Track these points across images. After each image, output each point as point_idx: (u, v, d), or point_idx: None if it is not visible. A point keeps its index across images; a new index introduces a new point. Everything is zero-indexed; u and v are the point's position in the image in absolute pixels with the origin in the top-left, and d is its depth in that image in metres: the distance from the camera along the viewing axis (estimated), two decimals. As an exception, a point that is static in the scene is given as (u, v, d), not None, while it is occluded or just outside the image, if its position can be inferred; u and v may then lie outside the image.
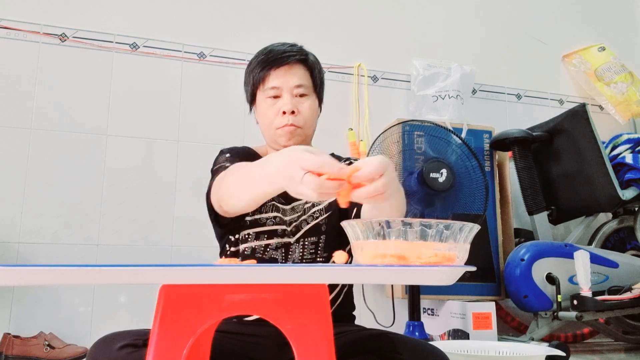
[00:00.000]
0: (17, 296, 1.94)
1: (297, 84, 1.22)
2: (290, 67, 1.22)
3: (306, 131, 1.24)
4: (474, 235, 0.70)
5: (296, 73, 1.23)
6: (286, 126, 1.21)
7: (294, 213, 1.22)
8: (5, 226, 1.98)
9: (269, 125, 1.24)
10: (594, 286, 2.04)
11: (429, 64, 2.55)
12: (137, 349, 0.91)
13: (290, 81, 1.22)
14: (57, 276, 0.59)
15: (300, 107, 1.22)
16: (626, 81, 2.76)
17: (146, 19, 2.28)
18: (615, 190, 2.24)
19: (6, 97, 2.07)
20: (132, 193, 2.14)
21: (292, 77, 1.22)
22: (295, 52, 1.24)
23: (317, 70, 1.27)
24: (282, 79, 1.22)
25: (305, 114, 1.22)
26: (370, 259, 0.69)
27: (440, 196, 1.99)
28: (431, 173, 2.01)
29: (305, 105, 1.23)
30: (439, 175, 1.99)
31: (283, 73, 1.22)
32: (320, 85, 1.28)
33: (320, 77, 1.28)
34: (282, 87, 1.22)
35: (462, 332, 2.02)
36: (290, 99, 1.21)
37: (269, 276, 0.64)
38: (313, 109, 1.25)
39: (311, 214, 1.21)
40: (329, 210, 1.22)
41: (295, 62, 1.23)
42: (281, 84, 1.22)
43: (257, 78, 1.24)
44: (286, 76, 1.22)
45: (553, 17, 3.00)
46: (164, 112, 2.24)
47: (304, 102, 1.23)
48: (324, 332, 0.66)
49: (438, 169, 1.99)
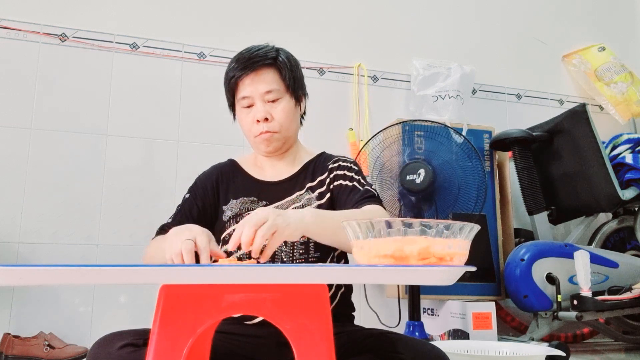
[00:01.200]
0: (17, 296, 1.94)
1: (267, 89, 1.21)
2: (257, 74, 1.21)
3: (284, 134, 1.24)
4: (474, 235, 0.70)
5: (264, 79, 1.22)
6: (262, 134, 1.22)
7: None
8: (5, 226, 1.98)
9: (247, 133, 1.26)
10: (594, 286, 2.04)
11: (429, 64, 2.55)
12: (137, 349, 0.91)
13: (260, 88, 1.21)
14: (57, 276, 0.59)
15: (274, 112, 1.22)
16: (626, 81, 2.76)
17: (146, 19, 2.28)
18: (615, 190, 2.24)
19: (6, 97, 2.06)
20: (132, 193, 2.13)
21: (260, 84, 1.21)
22: (261, 57, 1.22)
23: (287, 69, 1.24)
24: (250, 87, 1.22)
25: (280, 118, 1.22)
26: (370, 258, 0.69)
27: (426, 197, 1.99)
28: (407, 175, 2.02)
29: (278, 109, 1.22)
30: (416, 176, 2.00)
31: (250, 81, 1.22)
32: (294, 84, 1.26)
33: (292, 75, 1.25)
34: (252, 95, 1.22)
35: (462, 332, 2.02)
36: (263, 105, 1.21)
37: (269, 276, 0.64)
38: (288, 111, 1.24)
39: None
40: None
41: (262, 67, 1.22)
42: (251, 92, 1.22)
43: (229, 89, 1.26)
44: (254, 84, 1.22)
45: (553, 17, 3.00)
46: (164, 112, 2.24)
47: (276, 106, 1.22)
48: (323, 332, 0.66)
49: (415, 170, 2.00)
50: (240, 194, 1.25)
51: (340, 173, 1.26)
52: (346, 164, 1.29)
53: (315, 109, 2.48)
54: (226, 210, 1.24)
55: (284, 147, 1.28)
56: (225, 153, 1.49)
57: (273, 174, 1.29)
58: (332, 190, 1.25)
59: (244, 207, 1.23)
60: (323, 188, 1.25)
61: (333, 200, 1.24)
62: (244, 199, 1.24)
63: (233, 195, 1.26)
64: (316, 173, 1.28)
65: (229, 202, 1.25)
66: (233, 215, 1.23)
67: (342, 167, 1.28)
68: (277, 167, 1.30)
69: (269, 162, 1.31)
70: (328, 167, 1.28)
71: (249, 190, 1.26)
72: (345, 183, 1.24)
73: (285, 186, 1.26)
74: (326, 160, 1.30)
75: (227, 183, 1.29)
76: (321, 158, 1.32)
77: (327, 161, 1.30)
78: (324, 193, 1.24)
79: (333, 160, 1.30)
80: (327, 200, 1.24)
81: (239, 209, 1.23)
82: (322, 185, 1.26)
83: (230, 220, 1.23)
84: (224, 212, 1.24)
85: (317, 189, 1.25)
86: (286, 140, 1.26)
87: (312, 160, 1.32)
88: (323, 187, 1.26)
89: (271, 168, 1.31)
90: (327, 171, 1.27)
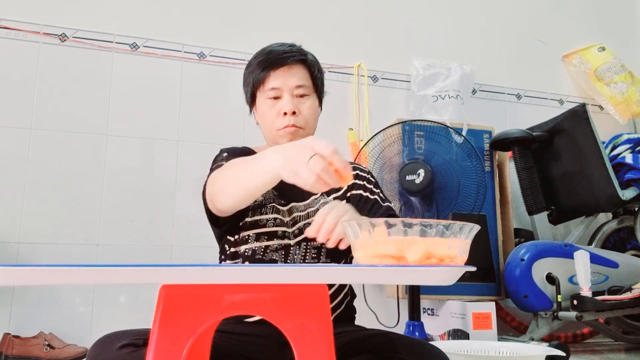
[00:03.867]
0: (17, 296, 1.94)
1: (298, 84, 1.22)
2: (290, 68, 1.22)
3: (307, 131, 1.24)
4: (474, 235, 0.70)
5: (296, 73, 1.22)
6: (287, 127, 1.21)
7: (293, 213, 1.21)
8: (5, 226, 1.98)
9: (270, 126, 1.24)
10: (594, 286, 2.04)
11: (429, 64, 2.55)
12: (137, 349, 0.91)
13: (290, 82, 1.22)
14: (57, 276, 0.59)
15: (301, 108, 1.22)
16: (626, 81, 2.76)
17: (146, 19, 2.28)
18: (615, 190, 2.24)
19: (6, 97, 2.07)
20: (132, 193, 2.13)
21: (292, 78, 1.22)
22: (295, 53, 1.24)
23: (316, 70, 1.27)
24: (282, 79, 1.21)
25: (306, 115, 1.22)
26: (370, 258, 0.69)
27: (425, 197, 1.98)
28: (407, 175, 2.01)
29: (305, 106, 1.23)
30: (416, 176, 1.99)
31: (283, 74, 1.22)
32: (320, 85, 1.28)
33: (320, 77, 1.28)
34: (282, 87, 1.22)
35: (462, 332, 2.02)
36: (291, 99, 1.21)
37: (269, 276, 0.64)
38: (313, 109, 1.25)
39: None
40: None
41: (294, 63, 1.23)
42: (281, 84, 1.21)
43: (256, 79, 1.24)
44: (286, 77, 1.22)
45: (553, 17, 3.00)
46: (164, 112, 2.24)
47: (304, 103, 1.23)
48: (323, 332, 0.66)
49: (415, 170, 1.99)
50: None
51: (359, 183, 1.27)
52: (364, 174, 1.30)
53: (315, 109, 2.49)
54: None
55: None
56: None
57: None
58: (349, 198, 1.26)
59: (269, 197, 1.21)
60: (339, 193, 1.26)
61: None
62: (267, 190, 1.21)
63: None
64: None
65: None
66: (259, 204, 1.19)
67: (361, 176, 1.29)
68: None
69: None
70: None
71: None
72: (366, 195, 1.25)
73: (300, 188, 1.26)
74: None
75: None
76: None
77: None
78: (340, 198, 1.25)
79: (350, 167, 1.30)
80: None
81: (263, 199, 1.20)
82: (337, 191, 1.26)
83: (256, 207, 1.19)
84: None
85: (332, 193, 1.25)
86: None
87: None
88: (339, 193, 1.26)
89: None
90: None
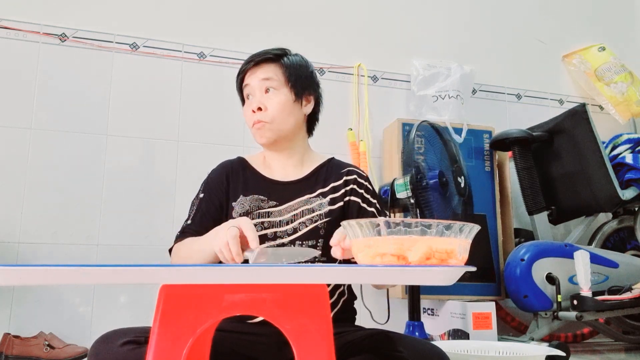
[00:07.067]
0: (17, 296, 1.94)
1: (264, 77, 1.25)
2: (259, 66, 1.26)
3: (277, 126, 1.25)
4: (474, 235, 0.70)
5: (265, 69, 1.26)
6: (255, 123, 1.25)
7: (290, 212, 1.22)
8: (5, 226, 1.98)
9: (248, 125, 1.29)
10: (594, 286, 2.04)
11: (429, 64, 2.55)
12: (139, 346, 0.92)
13: (258, 76, 1.25)
14: (57, 276, 0.59)
15: (268, 103, 1.24)
16: (626, 81, 2.76)
17: (146, 19, 2.28)
18: (615, 190, 2.24)
19: (6, 97, 2.06)
20: (132, 193, 2.13)
21: (260, 72, 1.26)
22: (269, 53, 1.27)
23: (290, 65, 1.27)
24: (252, 76, 1.27)
25: (273, 109, 1.24)
26: (370, 258, 0.69)
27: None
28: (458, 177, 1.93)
29: (273, 101, 1.25)
30: (461, 180, 1.94)
31: (252, 72, 1.27)
32: (296, 79, 1.27)
33: (296, 72, 1.27)
34: (251, 83, 1.27)
35: (462, 332, 2.02)
36: (260, 96, 1.25)
37: (269, 276, 0.64)
38: (283, 103, 1.25)
39: (309, 218, 1.21)
40: (329, 216, 1.22)
41: (265, 61, 1.27)
42: (251, 80, 1.27)
43: (237, 83, 1.31)
44: (255, 72, 1.26)
45: (553, 17, 3.00)
46: (164, 112, 2.24)
47: (272, 98, 1.25)
48: (323, 332, 0.66)
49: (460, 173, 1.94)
50: (251, 191, 1.26)
51: (358, 190, 1.28)
52: (362, 180, 1.30)
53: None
54: (235, 206, 1.24)
55: (280, 141, 1.28)
56: (225, 153, 1.49)
57: (282, 174, 1.30)
58: (346, 202, 1.27)
59: (254, 205, 1.23)
60: (336, 194, 1.26)
61: (344, 211, 1.26)
62: (253, 197, 1.24)
63: (243, 192, 1.26)
64: (329, 179, 1.29)
65: (239, 198, 1.25)
66: (243, 213, 1.22)
67: (360, 184, 1.29)
68: (285, 167, 1.30)
69: (277, 161, 1.31)
70: (343, 175, 1.29)
71: (258, 188, 1.26)
72: (364, 206, 1.26)
73: (296, 187, 1.27)
74: (339, 168, 1.31)
75: (237, 180, 1.29)
76: (332, 163, 1.34)
77: (340, 168, 1.31)
78: (337, 200, 1.25)
79: (348, 169, 1.31)
80: (339, 208, 1.25)
81: (249, 206, 1.23)
82: (335, 192, 1.26)
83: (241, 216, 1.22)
84: (234, 209, 1.24)
85: (329, 194, 1.26)
86: (280, 133, 1.26)
87: (322, 165, 1.32)
88: (336, 194, 1.26)
89: (280, 168, 1.31)
90: (341, 179, 1.28)
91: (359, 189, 1.28)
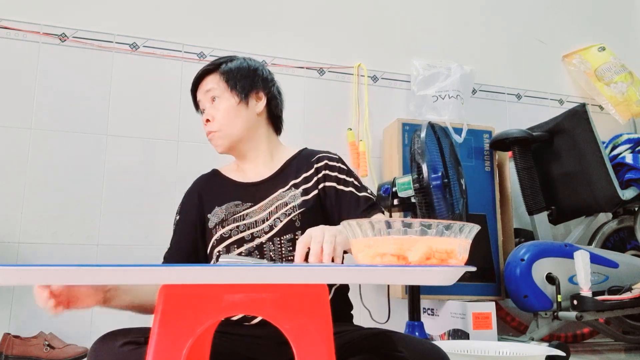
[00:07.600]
0: (17, 296, 1.94)
1: (207, 89, 1.30)
2: (204, 79, 1.32)
3: (226, 132, 1.28)
4: (474, 235, 0.69)
5: (207, 80, 1.31)
6: (207, 134, 1.31)
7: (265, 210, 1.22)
8: (5, 226, 1.98)
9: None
10: (594, 286, 2.04)
11: (429, 64, 2.55)
12: (139, 346, 0.92)
13: (203, 88, 1.31)
14: (57, 276, 0.59)
15: (214, 113, 1.29)
16: (626, 81, 2.76)
17: (146, 19, 2.28)
18: (615, 190, 2.24)
19: (6, 97, 2.07)
20: (132, 193, 2.13)
21: (204, 85, 1.32)
22: (211, 64, 1.32)
23: (229, 71, 1.29)
24: (199, 91, 1.33)
25: (219, 117, 1.28)
26: (370, 258, 0.69)
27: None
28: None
29: (219, 109, 1.28)
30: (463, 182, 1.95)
31: (200, 86, 1.34)
32: (236, 82, 1.28)
33: (236, 75, 1.29)
34: (200, 98, 1.32)
35: (462, 332, 2.02)
36: (209, 107, 1.30)
37: (269, 276, 0.64)
38: (227, 109, 1.28)
39: (284, 212, 1.21)
40: (303, 207, 1.21)
41: (207, 73, 1.31)
42: (199, 95, 1.33)
43: (193, 101, 1.37)
44: (201, 87, 1.32)
45: (553, 17, 3.00)
46: (164, 112, 2.24)
47: (217, 106, 1.29)
48: (323, 332, 0.66)
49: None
50: (224, 200, 1.27)
51: (331, 174, 1.26)
52: (333, 162, 1.28)
53: (315, 109, 2.49)
54: (211, 217, 1.26)
55: (236, 146, 1.29)
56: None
57: (254, 175, 1.31)
58: (321, 190, 1.25)
59: (229, 212, 1.24)
60: (309, 184, 1.25)
61: (321, 199, 1.25)
62: (228, 204, 1.25)
63: (217, 203, 1.27)
64: (300, 170, 1.28)
65: (214, 209, 1.26)
66: (219, 222, 1.24)
67: (331, 167, 1.27)
68: (257, 168, 1.31)
69: (247, 164, 1.33)
70: (313, 164, 1.28)
71: (231, 195, 1.27)
72: (341, 188, 1.24)
73: (268, 185, 1.27)
74: (310, 156, 1.30)
75: (210, 192, 1.31)
76: (303, 154, 1.33)
77: (310, 157, 1.30)
78: (310, 190, 1.24)
79: (317, 157, 1.29)
80: (314, 197, 1.24)
81: (224, 215, 1.24)
82: (307, 182, 1.26)
83: (216, 226, 1.24)
84: (209, 220, 1.26)
85: (301, 185, 1.25)
86: (232, 138, 1.28)
87: (293, 157, 1.32)
88: (309, 184, 1.25)
89: (251, 170, 1.32)
90: (312, 168, 1.27)
91: (332, 172, 1.27)
